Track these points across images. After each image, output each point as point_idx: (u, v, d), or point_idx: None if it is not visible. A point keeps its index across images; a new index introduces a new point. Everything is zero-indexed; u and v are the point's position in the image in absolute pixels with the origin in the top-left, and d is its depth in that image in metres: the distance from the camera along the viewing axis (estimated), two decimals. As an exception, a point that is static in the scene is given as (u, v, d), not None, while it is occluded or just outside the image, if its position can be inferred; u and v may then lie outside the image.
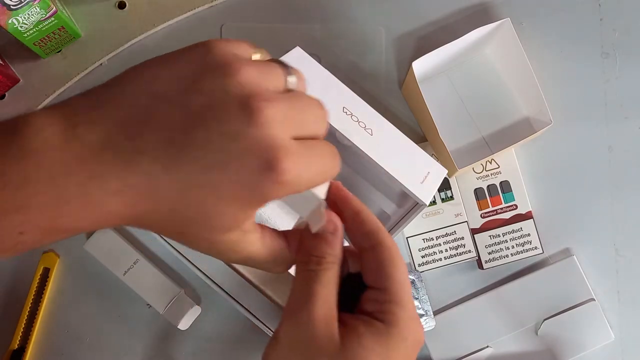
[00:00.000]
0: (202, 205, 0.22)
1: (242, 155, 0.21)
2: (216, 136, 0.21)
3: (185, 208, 0.22)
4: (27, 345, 0.52)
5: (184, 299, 0.52)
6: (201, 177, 0.21)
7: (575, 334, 0.53)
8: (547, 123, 0.51)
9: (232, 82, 0.22)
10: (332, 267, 0.27)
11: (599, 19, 0.57)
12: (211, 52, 0.24)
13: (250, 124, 0.22)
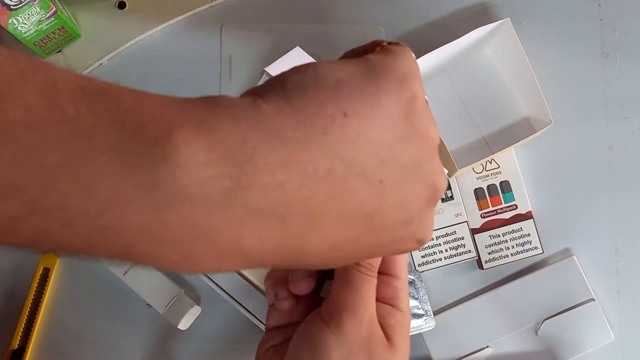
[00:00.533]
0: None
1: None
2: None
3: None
4: (27, 345, 0.52)
5: (184, 299, 0.52)
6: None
7: (575, 334, 0.53)
8: (547, 123, 0.51)
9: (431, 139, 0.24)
10: (376, 274, 0.30)
11: (599, 18, 0.57)
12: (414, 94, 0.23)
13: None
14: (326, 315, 0.28)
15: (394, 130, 0.21)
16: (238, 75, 0.55)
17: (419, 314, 0.53)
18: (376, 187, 0.20)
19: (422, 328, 0.53)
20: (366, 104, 0.20)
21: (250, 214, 0.18)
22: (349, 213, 0.20)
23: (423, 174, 0.22)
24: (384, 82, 0.21)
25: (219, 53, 0.55)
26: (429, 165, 0.23)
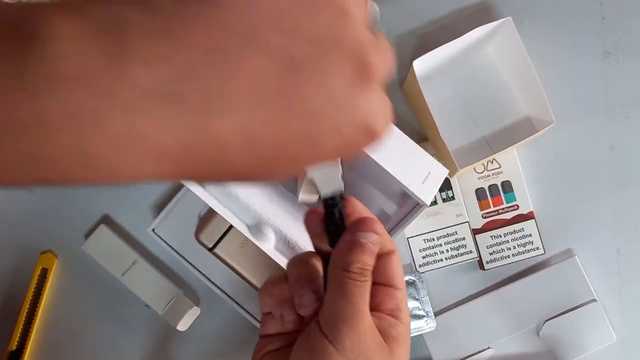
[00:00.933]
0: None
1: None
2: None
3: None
4: (26, 346, 0.52)
5: (183, 299, 0.52)
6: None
7: (577, 335, 0.52)
8: (549, 122, 0.51)
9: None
10: (370, 276, 0.29)
11: (600, 17, 0.57)
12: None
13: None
14: (324, 326, 0.28)
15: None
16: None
17: (420, 315, 0.52)
18: (284, 63, 0.18)
19: (423, 329, 0.52)
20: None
21: (140, 95, 0.16)
22: (255, 92, 0.18)
23: (341, 46, 0.19)
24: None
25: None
26: (346, 33, 0.20)
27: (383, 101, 0.21)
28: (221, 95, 0.17)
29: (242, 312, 0.52)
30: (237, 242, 0.51)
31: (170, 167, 0.18)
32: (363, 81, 0.20)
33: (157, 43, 0.16)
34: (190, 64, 0.17)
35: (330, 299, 0.28)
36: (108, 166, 0.17)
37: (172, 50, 0.16)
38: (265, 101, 0.18)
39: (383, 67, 0.21)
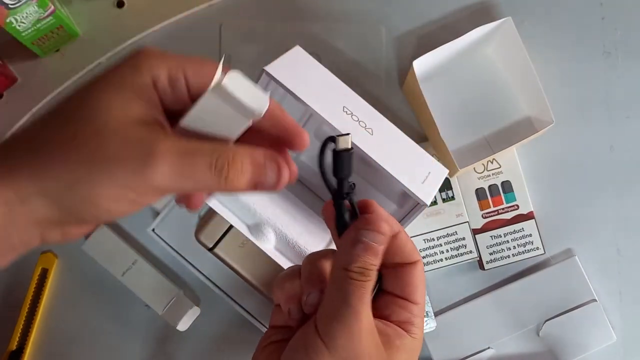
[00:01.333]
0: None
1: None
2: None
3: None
4: (26, 346, 0.52)
5: (183, 299, 0.52)
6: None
7: (577, 335, 0.53)
8: (549, 122, 0.51)
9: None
10: (374, 276, 0.28)
11: (600, 18, 0.57)
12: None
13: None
14: (319, 325, 0.28)
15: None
16: (237, 75, 0.55)
17: (420, 315, 0.52)
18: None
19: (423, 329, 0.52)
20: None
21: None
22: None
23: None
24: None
25: (218, 52, 0.55)
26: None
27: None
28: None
29: (242, 311, 0.52)
30: (237, 242, 0.51)
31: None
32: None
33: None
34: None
35: (328, 297, 0.28)
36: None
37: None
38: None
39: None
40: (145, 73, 0.27)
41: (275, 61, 0.43)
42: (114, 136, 0.25)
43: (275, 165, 0.28)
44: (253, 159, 0.28)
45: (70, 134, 0.25)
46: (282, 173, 0.28)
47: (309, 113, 0.48)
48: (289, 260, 0.47)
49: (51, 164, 0.25)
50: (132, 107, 0.26)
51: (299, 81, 0.42)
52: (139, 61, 0.27)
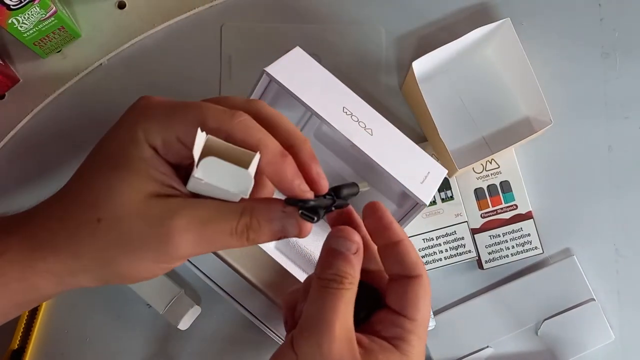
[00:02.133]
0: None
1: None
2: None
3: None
4: (27, 345, 0.52)
5: (184, 299, 0.52)
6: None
7: (576, 334, 0.53)
8: (547, 123, 0.51)
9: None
10: (351, 287, 0.28)
11: (599, 18, 0.57)
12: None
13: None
14: (294, 334, 0.28)
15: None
16: (238, 75, 0.55)
17: (419, 314, 0.53)
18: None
19: (422, 328, 0.52)
20: None
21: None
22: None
23: None
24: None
25: (219, 53, 0.55)
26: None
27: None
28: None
29: (243, 311, 0.52)
30: (238, 241, 0.51)
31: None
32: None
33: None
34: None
35: (305, 306, 0.28)
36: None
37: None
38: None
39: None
40: (144, 146, 0.28)
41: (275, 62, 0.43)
42: (134, 218, 0.27)
43: (294, 220, 0.29)
44: (271, 218, 0.28)
45: (94, 219, 0.27)
46: (301, 226, 0.29)
47: (309, 114, 0.48)
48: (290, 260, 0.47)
49: (87, 246, 0.28)
50: (144, 185, 0.28)
51: (299, 82, 0.43)
52: (134, 133, 0.28)
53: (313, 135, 0.49)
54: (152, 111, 0.28)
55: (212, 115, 0.28)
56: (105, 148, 0.29)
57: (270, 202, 0.29)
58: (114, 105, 0.54)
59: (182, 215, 0.27)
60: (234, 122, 0.28)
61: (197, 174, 0.26)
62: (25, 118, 0.54)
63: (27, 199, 0.53)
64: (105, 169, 0.28)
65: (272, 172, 0.28)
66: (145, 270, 0.29)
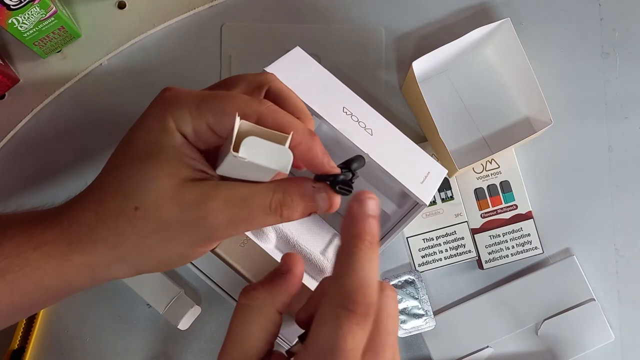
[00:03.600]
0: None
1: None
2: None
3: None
4: (27, 345, 0.52)
5: (184, 299, 0.52)
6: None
7: (576, 334, 0.53)
8: (547, 123, 0.51)
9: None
10: (261, 308, 0.30)
11: (599, 18, 0.57)
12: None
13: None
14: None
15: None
16: (238, 75, 0.55)
17: (419, 314, 0.53)
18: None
19: (422, 328, 0.53)
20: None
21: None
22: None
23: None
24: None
25: (219, 53, 0.55)
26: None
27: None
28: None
29: (243, 311, 0.52)
30: (238, 241, 0.51)
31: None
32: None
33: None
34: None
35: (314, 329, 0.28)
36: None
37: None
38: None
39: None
40: (175, 135, 0.29)
41: (275, 62, 0.43)
42: (170, 204, 0.28)
43: (325, 194, 0.30)
44: (302, 193, 0.30)
45: (131, 208, 0.28)
46: (332, 199, 0.30)
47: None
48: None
49: (125, 236, 0.28)
50: (177, 171, 0.28)
51: (299, 82, 0.43)
52: (166, 123, 0.29)
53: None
54: (181, 101, 0.29)
55: (243, 102, 0.29)
56: (136, 139, 0.29)
57: (300, 179, 0.30)
58: (113, 105, 0.54)
59: (217, 197, 0.28)
60: (263, 107, 0.29)
61: (241, 152, 0.27)
62: (25, 118, 0.54)
63: (27, 198, 0.53)
64: (137, 158, 0.29)
65: (303, 150, 0.30)
66: (182, 256, 0.30)
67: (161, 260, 0.30)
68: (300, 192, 0.30)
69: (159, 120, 0.29)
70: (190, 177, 0.29)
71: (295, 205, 0.29)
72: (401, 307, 0.53)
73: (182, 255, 0.30)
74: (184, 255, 0.30)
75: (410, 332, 0.52)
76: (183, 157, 0.29)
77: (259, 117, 0.29)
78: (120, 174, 0.29)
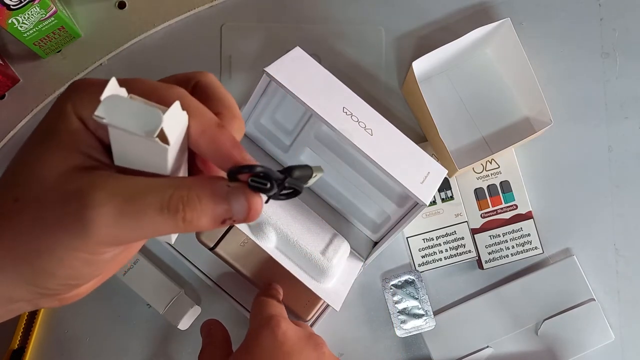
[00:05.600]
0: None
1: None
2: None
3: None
4: (27, 345, 0.52)
5: (184, 299, 0.52)
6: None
7: (576, 334, 0.53)
8: (547, 123, 0.51)
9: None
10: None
11: (599, 18, 0.57)
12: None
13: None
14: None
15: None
16: (238, 75, 0.55)
17: (419, 314, 0.53)
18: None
19: (422, 328, 0.53)
20: None
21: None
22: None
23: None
24: None
25: (219, 53, 0.55)
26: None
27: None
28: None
29: (243, 310, 0.52)
30: (238, 241, 0.51)
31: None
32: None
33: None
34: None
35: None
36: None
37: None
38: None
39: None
40: (71, 118, 0.24)
41: (275, 62, 0.43)
42: (52, 195, 0.23)
43: (242, 195, 0.24)
44: (213, 192, 0.24)
45: (10, 200, 0.23)
46: (252, 204, 0.24)
47: (309, 114, 0.48)
48: (290, 260, 0.47)
49: (3, 234, 0.23)
50: (66, 158, 0.24)
51: (299, 82, 0.43)
52: (63, 106, 0.24)
53: (313, 135, 0.49)
54: (85, 85, 0.25)
55: (147, 85, 0.25)
56: (38, 125, 0.25)
57: (212, 177, 0.25)
58: (114, 105, 0.54)
59: (103, 187, 0.22)
60: (169, 92, 0.24)
61: (97, 111, 0.22)
62: (25, 118, 0.54)
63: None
64: (28, 146, 0.25)
65: (207, 141, 0.24)
66: (68, 265, 0.23)
67: (44, 271, 0.23)
68: (211, 190, 0.23)
69: (57, 106, 0.25)
70: (80, 166, 0.24)
71: (203, 207, 0.23)
72: (401, 307, 0.53)
73: (67, 265, 0.23)
74: (68, 265, 0.23)
75: (410, 332, 0.52)
76: (77, 143, 0.24)
77: (159, 100, 0.23)
78: (14, 161, 0.25)
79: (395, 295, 0.53)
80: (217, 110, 0.26)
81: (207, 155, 0.25)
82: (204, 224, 0.24)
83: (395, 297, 0.53)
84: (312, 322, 0.52)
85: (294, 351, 0.39)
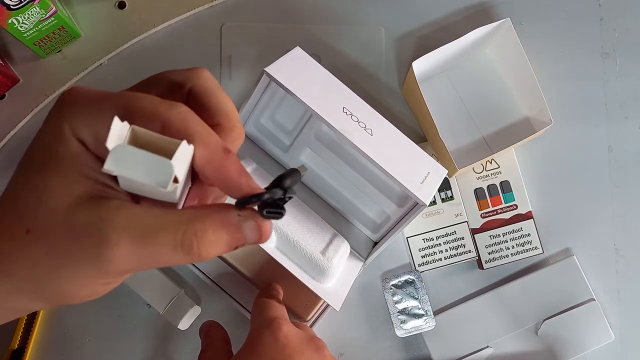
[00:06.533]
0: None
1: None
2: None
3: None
4: (27, 345, 0.52)
5: (184, 299, 0.52)
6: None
7: (576, 334, 0.53)
8: (547, 123, 0.51)
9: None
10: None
11: (599, 18, 0.57)
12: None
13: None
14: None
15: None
16: (238, 75, 0.55)
17: (419, 314, 0.53)
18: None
19: (422, 328, 0.53)
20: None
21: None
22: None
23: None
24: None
25: (219, 53, 0.55)
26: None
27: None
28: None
29: (243, 311, 0.52)
30: (238, 241, 0.51)
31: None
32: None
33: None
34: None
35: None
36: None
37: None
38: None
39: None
40: (71, 142, 0.24)
41: (275, 62, 0.43)
42: (61, 227, 0.23)
43: (253, 222, 0.25)
44: (225, 224, 0.24)
45: (23, 231, 0.24)
46: (262, 228, 0.25)
47: (309, 114, 0.48)
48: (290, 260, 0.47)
49: (18, 263, 0.24)
50: (74, 185, 0.24)
51: (299, 82, 0.43)
52: (61, 128, 0.24)
53: (313, 135, 0.49)
54: (80, 102, 0.24)
55: (147, 104, 0.24)
56: (32, 149, 0.25)
57: (222, 206, 0.25)
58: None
59: (114, 225, 0.23)
60: (171, 113, 0.24)
61: (106, 165, 0.22)
62: (25, 118, 0.54)
63: (27, 199, 0.53)
64: (31, 172, 0.25)
65: (214, 170, 0.25)
66: (83, 288, 0.25)
67: (62, 291, 0.25)
68: (222, 221, 0.24)
69: (54, 126, 0.24)
70: (88, 194, 0.24)
71: (216, 239, 0.24)
72: (401, 307, 0.53)
73: (85, 288, 0.25)
74: (87, 288, 0.25)
75: (410, 332, 0.52)
76: (81, 168, 0.24)
77: (164, 124, 0.24)
78: (18, 188, 0.25)
79: (395, 295, 0.53)
80: (216, 122, 0.26)
81: (213, 182, 0.25)
82: (217, 254, 0.25)
83: (395, 297, 0.53)
84: (312, 322, 0.52)
85: (296, 354, 0.39)
